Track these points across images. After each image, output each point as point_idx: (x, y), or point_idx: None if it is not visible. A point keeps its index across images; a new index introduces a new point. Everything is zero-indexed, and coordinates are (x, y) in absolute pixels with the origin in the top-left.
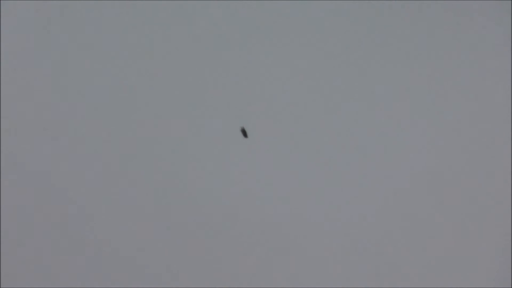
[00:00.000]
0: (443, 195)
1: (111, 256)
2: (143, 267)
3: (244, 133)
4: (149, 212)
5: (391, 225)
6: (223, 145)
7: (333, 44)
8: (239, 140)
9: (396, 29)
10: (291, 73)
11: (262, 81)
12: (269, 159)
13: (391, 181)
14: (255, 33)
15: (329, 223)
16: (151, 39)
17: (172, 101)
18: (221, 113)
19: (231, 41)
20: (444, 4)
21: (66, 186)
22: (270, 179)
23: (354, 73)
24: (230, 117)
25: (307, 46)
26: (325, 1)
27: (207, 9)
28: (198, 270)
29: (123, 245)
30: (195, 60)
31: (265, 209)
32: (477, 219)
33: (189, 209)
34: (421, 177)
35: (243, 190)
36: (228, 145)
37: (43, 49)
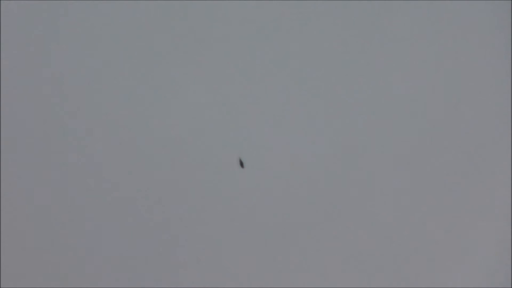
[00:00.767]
0: (444, 195)
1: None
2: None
3: (241, 164)
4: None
5: (391, 224)
6: (223, 144)
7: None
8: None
9: (396, 29)
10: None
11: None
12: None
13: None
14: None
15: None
16: (150, 39)
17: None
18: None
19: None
20: (444, 4)
21: (63, 185)
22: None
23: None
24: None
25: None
26: None
27: (207, 9)
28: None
29: (123, 245)
30: (195, 60)
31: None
32: (477, 219)
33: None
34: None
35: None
36: (228, 145)
37: (43, 49)
